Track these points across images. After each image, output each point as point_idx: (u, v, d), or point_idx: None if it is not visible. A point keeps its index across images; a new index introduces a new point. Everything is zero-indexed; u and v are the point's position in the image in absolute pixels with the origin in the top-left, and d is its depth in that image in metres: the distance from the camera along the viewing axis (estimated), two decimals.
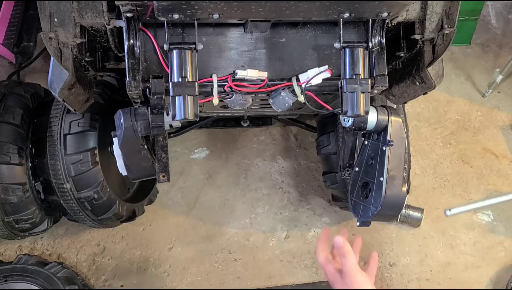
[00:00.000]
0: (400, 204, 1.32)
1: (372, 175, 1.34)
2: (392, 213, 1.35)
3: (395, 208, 1.32)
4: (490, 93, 2.59)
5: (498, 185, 2.35)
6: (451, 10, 1.31)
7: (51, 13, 1.21)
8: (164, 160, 1.28)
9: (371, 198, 1.33)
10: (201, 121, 2.17)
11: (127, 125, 1.23)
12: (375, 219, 1.35)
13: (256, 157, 2.36)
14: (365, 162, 1.39)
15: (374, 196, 1.32)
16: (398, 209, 1.34)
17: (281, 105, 1.29)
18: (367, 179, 1.37)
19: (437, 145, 2.45)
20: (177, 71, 1.16)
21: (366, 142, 1.40)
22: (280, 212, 2.23)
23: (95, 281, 2.03)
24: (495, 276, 2.13)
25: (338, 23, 1.19)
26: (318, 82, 1.27)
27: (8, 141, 1.63)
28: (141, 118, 1.23)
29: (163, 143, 1.28)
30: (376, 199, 1.31)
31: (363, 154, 1.40)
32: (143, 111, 1.23)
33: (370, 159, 1.37)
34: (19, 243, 2.06)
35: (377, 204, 1.30)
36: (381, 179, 1.28)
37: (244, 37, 1.32)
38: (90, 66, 1.47)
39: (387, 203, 1.29)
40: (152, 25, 1.26)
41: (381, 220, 1.44)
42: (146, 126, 1.23)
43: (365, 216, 1.36)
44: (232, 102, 1.28)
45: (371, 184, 1.34)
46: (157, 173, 1.30)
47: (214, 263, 2.09)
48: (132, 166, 1.32)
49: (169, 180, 1.30)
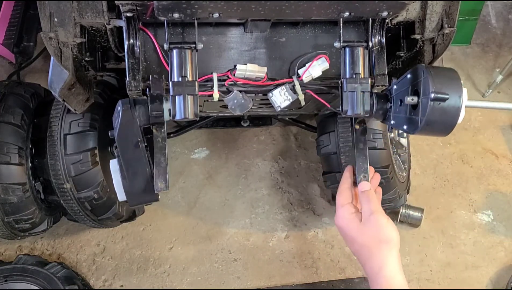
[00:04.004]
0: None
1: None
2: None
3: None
4: (490, 93, 2.59)
5: (498, 185, 2.35)
6: (451, 9, 1.31)
7: (51, 13, 1.21)
8: (162, 165, 1.18)
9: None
10: (201, 121, 2.17)
11: (125, 108, 1.17)
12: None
13: (256, 157, 2.36)
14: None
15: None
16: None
17: (282, 102, 1.28)
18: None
19: (437, 145, 2.45)
20: (177, 70, 1.16)
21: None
22: (280, 212, 2.23)
23: (95, 281, 2.02)
24: (495, 276, 2.13)
25: (338, 22, 1.19)
26: (318, 74, 1.27)
27: (8, 141, 1.62)
28: (141, 105, 1.19)
29: (162, 145, 1.21)
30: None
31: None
32: (143, 99, 1.21)
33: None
34: (19, 243, 2.06)
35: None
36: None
37: (244, 36, 1.32)
38: (90, 66, 1.47)
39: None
40: (152, 24, 1.26)
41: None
42: (145, 113, 1.19)
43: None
44: (233, 102, 1.27)
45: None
46: (155, 179, 1.18)
47: (214, 263, 2.09)
48: (129, 170, 1.21)
49: (167, 189, 1.18)
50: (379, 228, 0.99)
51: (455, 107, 1.01)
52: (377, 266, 0.98)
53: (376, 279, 0.98)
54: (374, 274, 0.98)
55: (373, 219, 1.00)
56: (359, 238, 1.01)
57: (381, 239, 0.99)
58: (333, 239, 2.17)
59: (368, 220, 1.01)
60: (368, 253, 0.99)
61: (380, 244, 0.98)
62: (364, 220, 1.01)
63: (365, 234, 1.00)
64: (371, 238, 0.99)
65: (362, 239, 1.00)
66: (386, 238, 0.99)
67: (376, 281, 0.98)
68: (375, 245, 0.99)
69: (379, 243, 0.99)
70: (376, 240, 0.99)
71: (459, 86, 1.02)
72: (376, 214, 1.00)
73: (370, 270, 1.00)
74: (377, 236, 0.99)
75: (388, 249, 0.98)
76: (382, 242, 0.98)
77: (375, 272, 0.98)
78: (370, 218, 1.01)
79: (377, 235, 0.99)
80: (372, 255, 0.99)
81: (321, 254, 2.14)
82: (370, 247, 0.99)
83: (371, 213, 1.01)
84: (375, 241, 0.99)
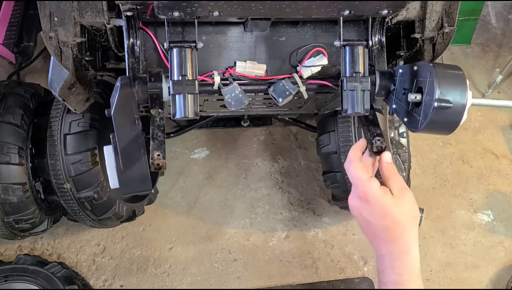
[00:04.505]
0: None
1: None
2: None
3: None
4: (490, 93, 2.59)
5: (498, 185, 2.35)
6: (451, 9, 1.31)
7: (51, 12, 1.21)
8: (160, 138, 1.12)
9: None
10: (201, 121, 2.17)
11: (124, 82, 1.14)
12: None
13: (256, 157, 2.36)
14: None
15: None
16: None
17: (282, 93, 1.27)
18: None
19: (437, 145, 2.45)
20: (177, 69, 1.15)
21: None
22: (280, 212, 2.23)
23: (95, 281, 2.02)
24: (495, 276, 2.13)
25: (338, 21, 1.19)
26: (317, 70, 1.27)
27: (8, 141, 1.62)
28: (140, 81, 1.17)
29: (159, 123, 1.15)
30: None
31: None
32: (142, 76, 1.18)
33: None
34: (19, 243, 2.06)
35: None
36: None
37: (244, 35, 1.32)
38: (90, 66, 1.47)
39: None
40: (152, 24, 1.26)
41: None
42: (144, 90, 1.16)
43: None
44: (230, 95, 1.26)
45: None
46: (151, 151, 1.11)
47: (214, 263, 2.09)
48: (123, 152, 1.15)
49: (164, 158, 1.10)
50: (413, 204, 0.97)
51: (458, 112, 0.99)
52: (407, 244, 0.95)
53: (402, 258, 0.95)
54: (402, 253, 0.95)
55: (408, 194, 0.97)
56: (396, 213, 0.95)
57: (413, 216, 0.96)
58: (333, 239, 2.17)
59: (402, 195, 0.96)
60: (401, 230, 0.95)
61: (414, 220, 0.96)
62: (398, 194, 0.96)
63: (402, 210, 0.95)
64: (407, 214, 0.95)
65: (399, 215, 0.95)
66: (416, 215, 0.97)
67: (402, 260, 0.95)
68: (409, 222, 0.95)
69: (413, 219, 0.96)
70: (411, 216, 0.96)
71: (464, 90, 1.00)
72: (408, 189, 0.97)
73: (398, 247, 0.95)
74: (411, 212, 0.96)
75: (415, 227, 0.96)
76: (414, 218, 0.96)
77: (403, 251, 0.95)
78: (404, 193, 0.97)
79: (411, 211, 0.96)
80: (404, 232, 0.95)
81: (321, 254, 2.14)
82: (405, 223, 0.95)
83: (403, 188, 0.97)
84: (410, 217, 0.95)
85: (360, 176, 0.99)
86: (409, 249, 0.95)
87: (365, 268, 2.12)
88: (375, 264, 2.17)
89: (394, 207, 0.95)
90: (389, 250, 0.96)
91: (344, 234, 2.20)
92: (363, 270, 2.12)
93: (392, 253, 0.95)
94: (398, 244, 0.95)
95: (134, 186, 1.20)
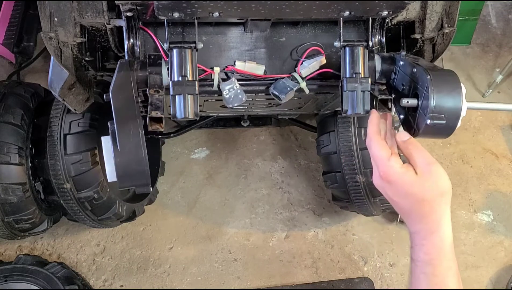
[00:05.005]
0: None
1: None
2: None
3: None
4: (490, 93, 2.59)
5: (498, 185, 2.35)
6: (451, 9, 1.31)
7: (51, 12, 1.21)
8: (158, 104, 1.10)
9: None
10: (201, 121, 2.17)
11: (123, 62, 1.13)
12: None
13: (256, 157, 2.36)
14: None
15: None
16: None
17: (284, 89, 1.26)
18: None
19: (437, 145, 2.45)
20: (177, 70, 1.15)
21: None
22: (280, 212, 2.23)
23: (95, 281, 2.02)
24: (495, 276, 2.13)
25: (338, 22, 1.19)
26: (316, 68, 1.27)
27: (8, 141, 1.62)
28: (140, 62, 1.16)
29: (158, 97, 1.13)
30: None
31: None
32: (143, 60, 1.17)
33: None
34: (19, 243, 2.06)
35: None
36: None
37: (244, 36, 1.32)
38: (90, 66, 1.46)
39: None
40: (152, 24, 1.26)
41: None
42: (144, 72, 1.15)
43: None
44: (229, 91, 1.25)
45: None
46: (149, 111, 1.08)
47: (214, 263, 2.09)
48: (121, 137, 1.09)
49: (162, 115, 1.09)
50: (440, 179, 0.91)
51: (451, 126, 0.98)
52: (436, 223, 0.91)
53: (430, 237, 0.91)
54: (430, 232, 0.91)
55: (434, 170, 0.91)
56: (419, 192, 0.91)
57: (442, 192, 0.91)
58: (333, 239, 2.17)
59: (428, 171, 0.91)
60: (428, 208, 0.91)
61: (442, 197, 0.91)
62: (422, 171, 0.91)
63: (426, 187, 0.91)
64: (433, 190, 0.91)
65: (422, 193, 0.90)
66: (446, 190, 0.92)
67: (430, 239, 0.91)
68: (436, 199, 0.91)
69: (441, 196, 0.91)
70: (438, 193, 0.91)
71: (458, 103, 0.97)
72: (434, 164, 0.92)
73: (425, 226, 0.92)
74: (438, 188, 0.91)
75: (446, 203, 0.92)
76: (443, 194, 0.91)
77: (431, 230, 0.91)
78: (430, 169, 0.91)
79: (438, 187, 0.91)
80: (432, 210, 0.91)
81: (321, 254, 2.14)
82: (431, 201, 0.90)
83: (428, 164, 0.92)
84: (437, 194, 0.91)
85: (380, 155, 0.95)
86: (438, 228, 0.91)
87: (365, 268, 2.12)
88: (375, 264, 2.18)
89: (416, 186, 0.91)
90: (417, 228, 0.92)
91: (344, 234, 2.20)
92: (363, 270, 2.12)
93: (420, 231, 0.92)
94: (425, 223, 0.91)
95: (132, 178, 1.14)
